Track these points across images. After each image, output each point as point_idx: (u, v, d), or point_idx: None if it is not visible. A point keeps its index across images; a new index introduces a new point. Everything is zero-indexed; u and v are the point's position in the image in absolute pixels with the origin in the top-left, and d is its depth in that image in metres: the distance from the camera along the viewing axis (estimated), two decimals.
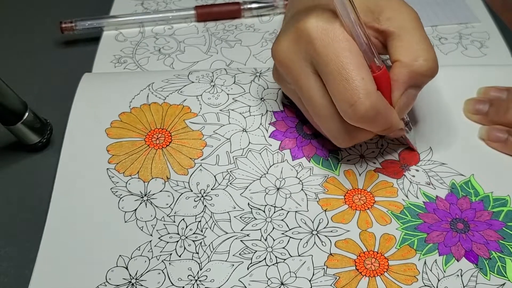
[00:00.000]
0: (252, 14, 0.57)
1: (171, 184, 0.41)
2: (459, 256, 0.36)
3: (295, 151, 0.43)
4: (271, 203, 0.40)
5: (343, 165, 0.42)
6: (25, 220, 0.40)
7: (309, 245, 0.37)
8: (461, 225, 0.38)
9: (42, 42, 0.56)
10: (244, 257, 0.37)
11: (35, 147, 0.45)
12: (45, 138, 0.45)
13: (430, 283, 0.34)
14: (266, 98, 0.46)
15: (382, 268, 0.35)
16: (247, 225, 0.38)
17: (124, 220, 0.39)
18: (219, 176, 0.41)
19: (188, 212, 0.39)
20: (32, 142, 0.44)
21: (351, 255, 0.36)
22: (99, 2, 0.59)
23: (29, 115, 0.43)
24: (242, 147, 0.43)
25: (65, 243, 0.37)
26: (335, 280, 0.35)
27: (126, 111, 0.44)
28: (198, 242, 0.37)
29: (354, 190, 0.40)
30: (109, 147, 0.42)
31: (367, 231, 0.38)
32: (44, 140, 0.45)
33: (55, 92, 0.46)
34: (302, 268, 0.36)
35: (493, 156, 0.42)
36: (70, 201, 0.40)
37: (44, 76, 0.52)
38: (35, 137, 0.44)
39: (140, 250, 0.37)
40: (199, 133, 0.43)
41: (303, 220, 0.38)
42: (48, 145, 0.46)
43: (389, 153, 0.43)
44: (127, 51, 0.54)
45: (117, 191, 0.40)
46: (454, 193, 0.40)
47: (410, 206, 0.39)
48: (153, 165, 0.41)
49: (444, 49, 0.53)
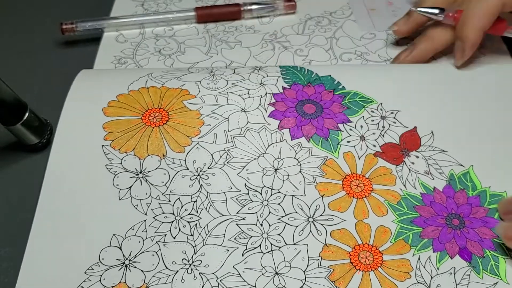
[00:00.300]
0: (252, 16, 0.56)
1: (167, 162, 0.40)
2: (453, 254, 0.36)
3: (294, 131, 0.42)
4: (268, 184, 0.39)
5: (342, 147, 0.41)
6: (25, 220, 0.39)
7: (305, 233, 0.37)
8: (456, 221, 0.38)
9: (42, 42, 0.55)
10: (239, 242, 0.36)
11: (35, 148, 0.44)
12: (45, 139, 0.45)
13: (423, 280, 0.35)
14: (265, 83, 0.44)
15: (376, 263, 0.36)
16: (243, 208, 0.38)
17: (118, 198, 0.38)
18: (216, 154, 0.40)
19: (184, 191, 0.39)
20: (32, 143, 0.44)
21: (346, 247, 0.36)
22: (99, 3, 0.59)
23: (29, 115, 0.42)
24: (240, 126, 0.42)
25: (58, 221, 0.37)
26: (329, 272, 0.35)
27: (124, 93, 0.43)
28: (193, 224, 0.37)
29: (352, 175, 0.40)
30: (105, 124, 0.41)
31: (363, 222, 0.37)
32: (44, 140, 0.44)
33: (55, 93, 0.45)
34: (297, 258, 0.36)
35: (494, 147, 0.41)
36: (63, 177, 0.39)
37: (44, 77, 0.51)
38: (35, 137, 0.44)
39: (134, 229, 0.37)
40: (197, 112, 0.42)
41: (299, 206, 0.38)
42: (48, 145, 0.45)
43: (390, 135, 0.42)
44: (128, 52, 0.53)
45: (112, 167, 0.39)
46: (452, 186, 0.39)
47: (407, 196, 0.39)
48: (149, 142, 0.40)
49: None
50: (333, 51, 0.52)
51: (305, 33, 0.54)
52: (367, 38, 0.53)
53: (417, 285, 0.35)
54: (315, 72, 0.46)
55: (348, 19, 0.56)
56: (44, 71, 0.52)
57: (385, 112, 0.43)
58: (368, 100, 0.44)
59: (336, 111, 0.43)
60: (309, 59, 0.51)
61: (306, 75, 0.46)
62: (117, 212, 0.37)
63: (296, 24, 0.55)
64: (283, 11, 0.56)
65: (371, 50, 0.52)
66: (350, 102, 0.44)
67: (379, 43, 0.53)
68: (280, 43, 0.53)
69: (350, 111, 0.43)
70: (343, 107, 0.43)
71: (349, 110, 0.43)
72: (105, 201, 0.38)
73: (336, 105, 0.43)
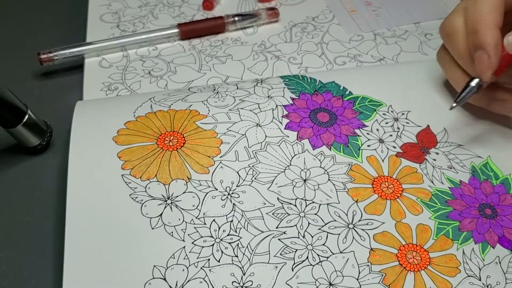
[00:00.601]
0: (236, 27, 0.56)
1: (194, 184, 0.38)
2: (493, 243, 0.37)
3: (313, 140, 0.41)
4: (300, 196, 0.39)
5: (364, 151, 0.41)
6: (24, 223, 0.39)
7: (348, 240, 0.37)
8: (489, 210, 0.39)
9: (21, 76, 0.51)
10: (286, 257, 0.36)
11: (35, 150, 0.44)
12: (45, 141, 0.44)
13: (472, 273, 0.36)
14: (273, 96, 0.44)
15: (425, 262, 0.36)
16: (282, 222, 0.37)
17: (151, 227, 0.36)
18: (242, 172, 0.39)
19: (218, 212, 0.37)
20: (32, 145, 0.43)
21: (392, 250, 0.36)
22: (71, 30, 0.56)
23: (29, 117, 0.42)
24: (260, 141, 0.41)
25: (90, 264, 0.34)
26: (382, 277, 0.35)
27: (132, 120, 0.41)
28: (235, 244, 0.36)
29: (380, 178, 0.40)
30: (120, 153, 0.39)
31: (402, 222, 0.38)
32: (44, 142, 0.44)
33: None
34: (347, 266, 0.35)
35: (507, 136, 0.43)
36: (88, 216, 0.36)
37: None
38: (35, 139, 0.43)
39: (175, 258, 0.35)
40: (213, 132, 0.41)
41: (336, 213, 0.38)
42: (48, 147, 0.45)
43: (406, 135, 0.43)
44: (116, 77, 0.50)
45: (137, 196, 0.37)
46: (476, 177, 0.41)
47: (437, 192, 0.39)
48: (171, 166, 0.39)
49: (432, 45, 0.54)
50: (326, 56, 0.52)
51: (293, 41, 0.54)
52: (356, 40, 0.54)
53: (469, 279, 0.35)
54: (318, 79, 0.46)
55: (332, 23, 0.56)
56: (29, 104, 0.46)
57: (396, 113, 0.44)
58: (378, 103, 0.44)
59: (350, 117, 0.43)
60: (304, 66, 0.51)
61: (310, 83, 0.46)
62: (152, 242, 0.36)
63: (282, 32, 0.55)
64: (267, 20, 0.56)
65: (363, 52, 0.53)
66: (361, 106, 0.44)
67: (369, 43, 0.54)
68: (271, 53, 0.53)
69: (363, 115, 0.43)
70: (355, 113, 0.44)
71: (362, 115, 0.43)
72: (137, 232, 0.36)
73: (348, 111, 0.44)
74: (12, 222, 0.40)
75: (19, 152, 0.44)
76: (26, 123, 0.42)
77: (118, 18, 0.57)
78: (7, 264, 0.37)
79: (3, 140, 0.44)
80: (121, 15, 0.57)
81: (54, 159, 0.44)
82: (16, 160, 0.44)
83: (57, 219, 0.40)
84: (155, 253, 0.35)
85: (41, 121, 0.44)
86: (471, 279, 0.35)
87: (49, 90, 0.50)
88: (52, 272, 0.37)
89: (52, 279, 0.37)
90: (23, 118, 0.42)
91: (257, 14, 0.56)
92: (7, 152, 0.44)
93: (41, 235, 0.39)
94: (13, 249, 0.38)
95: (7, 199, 0.41)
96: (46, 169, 0.43)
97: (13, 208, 0.41)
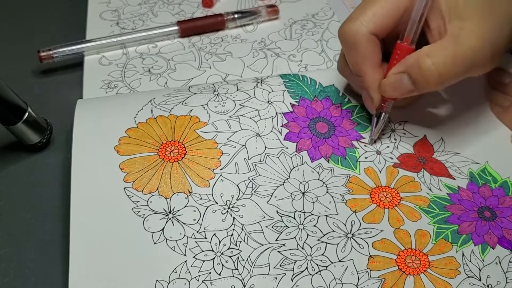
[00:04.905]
0: (236, 25, 0.56)
1: (195, 198, 0.39)
2: (493, 244, 0.37)
3: (312, 152, 0.42)
4: (299, 209, 0.39)
5: (362, 163, 0.42)
6: (25, 220, 0.39)
7: (347, 249, 0.37)
8: (488, 213, 0.39)
9: (21, 73, 0.52)
10: (285, 268, 0.36)
11: (35, 147, 0.44)
12: (45, 138, 0.44)
13: (472, 273, 0.35)
14: (273, 101, 0.45)
15: (424, 265, 0.36)
16: (281, 234, 0.38)
17: (153, 242, 0.37)
18: (241, 185, 0.40)
19: (218, 226, 0.38)
20: (32, 142, 0.44)
21: (391, 255, 0.37)
22: (70, 27, 0.57)
23: (29, 115, 0.42)
24: (259, 153, 0.42)
25: (95, 277, 0.35)
26: (381, 282, 0.35)
27: (133, 126, 0.43)
28: (235, 257, 0.37)
29: (378, 188, 0.41)
30: (122, 165, 0.40)
31: (401, 229, 0.38)
32: (44, 140, 0.44)
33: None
34: (346, 274, 0.36)
35: (504, 141, 0.43)
36: (90, 229, 0.37)
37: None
38: (35, 137, 0.44)
39: (176, 272, 0.36)
40: (213, 141, 0.42)
41: (335, 224, 0.38)
42: (48, 145, 0.45)
43: (404, 146, 0.43)
44: (116, 74, 0.51)
45: (140, 210, 0.38)
46: (474, 182, 0.41)
47: (435, 199, 0.40)
48: (172, 179, 0.40)
49: None
50: (326, 54, 0.53)
51: (293, 38, 0.55)
52: None
53: (469, 279, 0.35)
54: (318, 81, 0.47)
55: (332, 20, 0.57)
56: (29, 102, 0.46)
57: (394, 124, 0.45)
58: None
59: (348, 128, 0.44)
60: (304, 64, 0.52)
61: (310, 85, 0.47)
62: (155, 256, 0.37)
63: (282, 30, 0.56)
64: (267, 17, 0.57)
65: None
66: (358, 117, 0.45)
67: None
68: (271, 50, 0.54)
69: (360, 127, 0.44)
70: (353, 123, 0.44)
71: (360, 126, 0.44)
72: (139, 247, 0.37)
73: (346, 121, 0.45)
74: (12, 219, 0.40)
75: (19, 150, 0.44)
76: (26, 120, 0.42)
77: (117, 16, 0.57)
78: (7, 261, 0.38)
79: (3, 138, 0.44)
80: (121, 12, 0.58)
81: (54, 157, 0.44)
82: (16, 158, 0.44)
83: (57, 216, 0.40)
84: (158, 268, 0.36)
85: (41, 119, 0.44)
86: (471, 279, 0.35)
87: (49, 88, 0.50)
88: (53, 269, 0.37)
89: (52, 276, 0.37)
90: (23, 116, 0.42)
91: (257, 11, 0.56)
92: (7, 150, 0.44)
93: (41, 232, 0.39)
94: (13, 246, 0.38)
95: (7, 197, 0.41)
96: (46, 166, 0.43)
97: (13, 206, 0.41)
